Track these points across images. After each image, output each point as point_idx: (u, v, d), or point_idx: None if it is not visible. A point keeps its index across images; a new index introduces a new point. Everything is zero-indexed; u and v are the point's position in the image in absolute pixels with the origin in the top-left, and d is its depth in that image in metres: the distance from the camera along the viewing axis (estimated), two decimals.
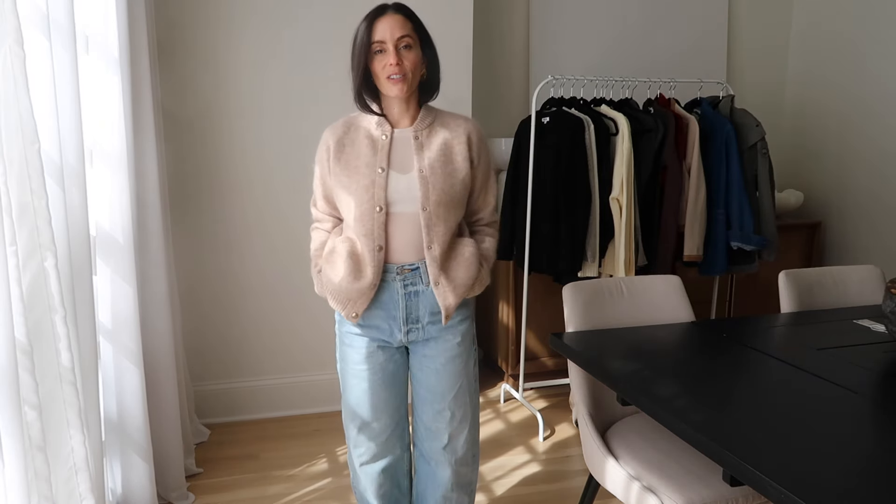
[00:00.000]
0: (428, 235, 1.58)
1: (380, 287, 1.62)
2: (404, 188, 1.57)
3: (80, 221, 1.75)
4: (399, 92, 1.53)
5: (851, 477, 1.18)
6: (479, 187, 1.69)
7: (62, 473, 1.55)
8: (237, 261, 2.92)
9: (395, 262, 1.61)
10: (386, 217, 1.57)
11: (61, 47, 1.64)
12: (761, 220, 3.02)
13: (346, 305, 1.62)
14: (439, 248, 1.59)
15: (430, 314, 1.65)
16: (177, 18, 2.71)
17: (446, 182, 1.58)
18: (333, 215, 1.72)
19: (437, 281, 1.61)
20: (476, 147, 1.65)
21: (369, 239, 1.57)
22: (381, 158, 1.58)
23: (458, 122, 1.65)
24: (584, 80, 2.92)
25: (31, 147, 1.39)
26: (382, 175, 1.56)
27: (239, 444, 2.75)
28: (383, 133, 1.60)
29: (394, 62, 1.50)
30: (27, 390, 1.33)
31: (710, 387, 1.58)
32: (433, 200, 1.56)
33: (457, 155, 1.61)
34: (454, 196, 1.59)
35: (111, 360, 2.06)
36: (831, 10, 3.64)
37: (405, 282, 1.62)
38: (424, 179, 1.57)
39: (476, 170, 1.65)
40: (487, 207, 1.74)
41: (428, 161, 1.58)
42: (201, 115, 2.80)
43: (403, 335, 1.66)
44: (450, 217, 1.60)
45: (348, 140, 1.62)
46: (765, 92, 3.87)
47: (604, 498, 2.19)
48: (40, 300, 1.46)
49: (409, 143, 1.60)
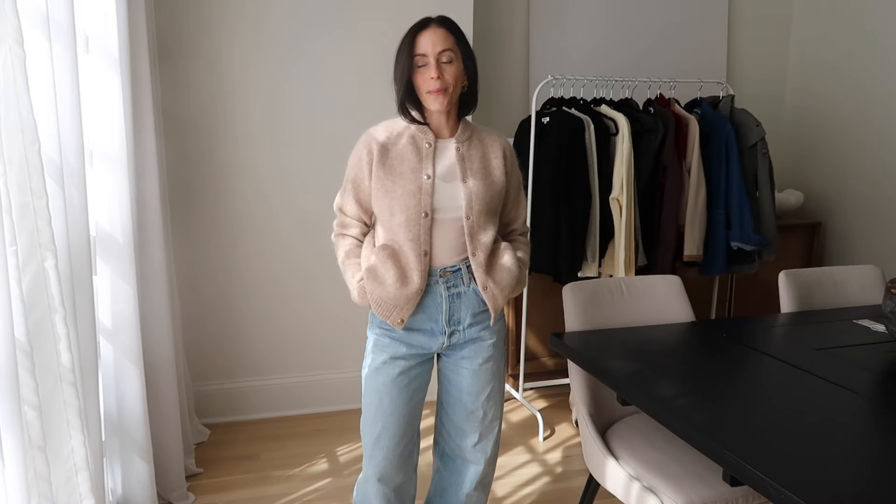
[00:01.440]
0: (472, 243, 1.63)
1: (426, 290, 1.64)
2: (449, 197, 1.61)
3: (80, 221, 1.75)
4: (440, 105, 1.57)
5: (851, 477, 1.18)
6: (513, 199, 1.74)
7: (62, 473, 1.55)
8: (237, 260, 2.92)
9: (438, 266, 1.63)
10: (431, 223, 1.61)
11: (61, 47, 1.64)
12: (761, 220, 3.02)
13: (391, 312, 1.63)
14: (483, 255, 1.64)
15: (471, 315, 1.67)
16: (177, 18, 2.70)
17: (486, 193, 1.63)
18: (363, 220, 1.73)
19: (486, 285, 1.65)
20: (510, 162, 1.71)
21: (415, 244, 1.60)
22: (428, 165, 1.61)
23: (492, 137, 1.71)
24: (584, 80, 2.92)
25: (31, 147, 1.39)
26: (429, 182, 1.60)
27: (239, 444, 2.75)
28: (427, 141, 1.63)
29: (434, 75, 1.54)
30: (27, 390, 1.33)
31: (710, 387, 1.58)
32: (476, 210, 1.61)
33: (494, 168, 1.67)
34: (494, 206, 1.66)
35: (111, 360, 2.06)
36: (832, 8, 3.64)
37: (448, 283, 1.64)
38: (468, 190, 1.62)
39: (510, 183, 1.71)
40: (520, 218, 1.80)
41: (471, 172, 1.64)
42: (201, 115, 2.79)
43: (446, 337, 1.67)
44: (490, 225, 1.65)
45: (392, 145, 1.63)
46: (765, 91, 3.87)
47: (604, 498, 2.19)
48: (40, 300, 1.46)
49: (450, 154, 1.64)
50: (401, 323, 1.63)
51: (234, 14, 2.76)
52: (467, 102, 1.66)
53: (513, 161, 1.72)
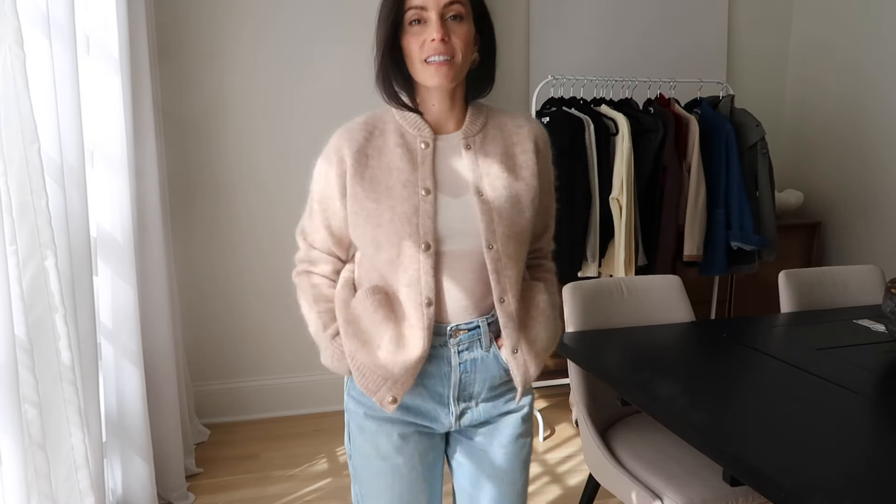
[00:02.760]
0: (499, 283, 1.14)
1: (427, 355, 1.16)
2: (458, 218, 1.12)
3: (80, 221, 1.75)
4: (443, 80, 1.09)
5: (851, 477, 1.18)
6: (543, 207, 1.24)
7: (62, 471, 1.55)
8: (237, 261, 2.92)
9: (448, 322, 1.15)
10: (435, 258, 1.11)
11: (61, 48, 1.64)
12: (761, 219, 3.02)
13: (379, 387, 1.15)
14: (515, 300, 1.16)
15: (488, 389, 1.21)
16: (177, 19, 2.71)
17: (514, 207, 1.14)
18: (336, 255, 1.26)
19: (517, 347, 1.17)
20: (544, 155, 1.22)
21: (413, 290, 1.11)
22: (425, 175, 1.13)
23: (518, 122, 1.21)
24: (584, 80, 2.92)
25: (31, 147, 1.39)
26: (429, 199, 1.11)
27: (239, 444, 2.75)
28: (423, 139, 1.15)
29: (437, 37, 1.06)
30: (27, 388, 1.33)
31: (710, 387, 1.58)
32: (501, 234, 1.12)
33: (523, 168, 1.17)
34: (525, 226, 1.16)
35: (111, 360, 2.06)
36: (832, 9, 3.64)
37: (459, 347, 1.17)
38: (486, 205, 1.12)
39: (542, 184, 1.21)
40: (548, 232, 1.31)
41: (488, 178, 1.15)
42: (201, 115, 2.80)
43: (454, 419, 1.21)
44: (521, 254, 1.18)
45: (373, 149, 1.15)
46: (765, 92, 3.87)
47: (604, 498, 2.19)
48: (40, 299, 1.46)
49: (457, 154, 1.16)
50: (392, 403, 1.15)
51: (234, 14, 2.76)
52: (478, 82, 1.19)
53: (547, 153, 1.23)
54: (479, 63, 1.17)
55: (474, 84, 1.19)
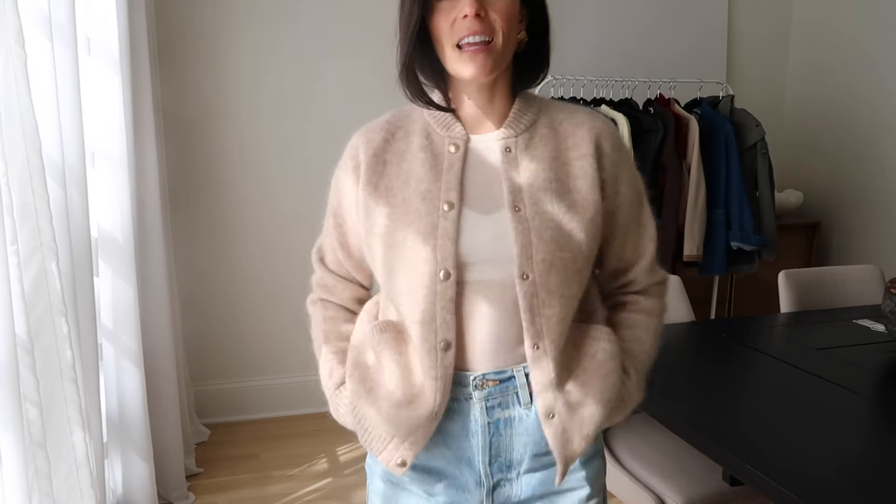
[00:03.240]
0: (533, 324, 0.90)
1: (446, 411, 0.94)
2: (487, 239, 0.91)
3: (81, 221, 1.76)
4: (479, 70, 0.88)
5: (851, 476, 1.18)
6: (623, 228, 1.00)
7: (63, 470, 1.55)
8: (237, 261, 2.92)
9: (472, 370, 0.93)
10: (457, 289, 0.91)
11: (62, 48, 1.64)
12: (761, 220, 3.02)
13: (385, 446, 0.96)
14: (554, 348, 0.91)
15: (531, 457, 0.96)
16: (177, 19, 2.71)
17: (562, 228, 0.91)
18: (356, 280, 1.09)
19: (552, 410, 0.92)
20: (612, 161, 0.97)
21: (428, 328, 0.91)
22: (450, 186, 0.92)
23: (577, 119, 0.97)
24: (584, 80, 2.92)
25: (32, 147, 1.39)
26: (451, 215, 0.91)
27: (239, 444, 2.75)
28: (452, 142, 0.95)
29: (471, 12, 0.86)
30: (28, 387, 1.33)
31: (710, 387, 1.58)
32: (540, 261, 0.90)
33: (578, 178, 0.94)
34: (578, 251, 0.92)
35: (111, 360, 2.06)
36: (832, 9, 3.64)
37: (488, 402, 0.94)
38: (524, 223, 0.90)
39: (613, 199, 0.97)
40: (642, 260, 1.04)
41: (530, 191, 0.92)
42: (202, 115, 2.80)
43: (486, 493, 0.97)
44: (569, 288, 0.92)
45: (393, 153, 0.97)
46: (765, 92, 3.87)
47: None
48: (41, 298, 1.46)
49: (493, 160, 0.95)
50: (401, 466, 0.95)
51: (235, 14, 2.77)
52: (527, 68, 0.97)
53: (618, 159, 0.98)
54: (528, 44, 0.95)
55: (521, 70, 0.96)
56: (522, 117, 0.96)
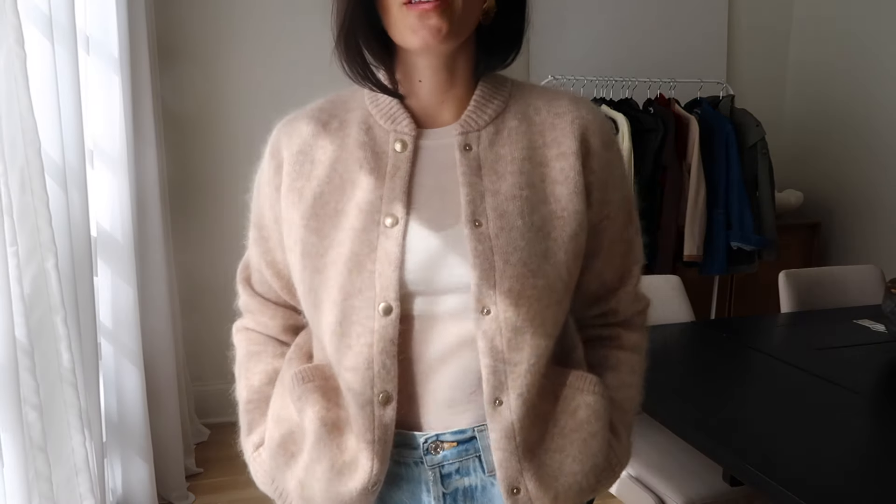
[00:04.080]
0: (495, 373, 0.71)
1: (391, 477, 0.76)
2: (439, 263, 0.72)
3: (80, 222, 1.75)
4: (432, 34, 0.68)
5: (851, 476, 1.18)
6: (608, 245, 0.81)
7: (63, 473, 1.55)
8: (237, 261, 2.91)
9: (423, 430, 0.75)
10: (401, 327, 0.71)
11: (62, 47, 1.64)
12: (761, 220, 3.02)
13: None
14: (522, 403, 0.72)
15: None
16: (177, 19, 2.71)
17: (535, 247, 0.72)
18: (286, 303, 0.89)
19: (515, 484, 0.73)
20: (600, 160, 0.77)
21: (363, 377, 0.72)
22: (394, 195, 0.73)
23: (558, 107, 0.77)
24: (584, 80, 2.92)
25: (31, 147, 1.39)
26: (394, 232, 0.72)
27: (239, 445, 2.75)
28: (398, 137, 0.75)
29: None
30: (28, 390, 1.33)
31: (711, 387, 1.58)
32: (507, 291, 0.70)
33: (557, 183, 0.74)
34: (554, 278, 0.73)
35: (111, 361, 2.06)
36: (832, 9, 3.64)
37: (444, 469, 0.76)
38: (485, 242, 0.71)
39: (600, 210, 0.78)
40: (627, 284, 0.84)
41: (495, 200, 0.72)
42: (201, 115, 2.80)
43: None
44: (543, 326, 0.72)
45: (323, 150, 0.77)
46: (765, 92, 3.87)
47: (604, 498, 2.19)
48: (41, 300, 1.46)
49: (450, 162, 0.75)
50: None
51: (235, 14, 2.76)
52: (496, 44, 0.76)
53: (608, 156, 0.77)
54: (497, 14, 0.74)
55: (488, 47, 0.76)
56: (487, 105, 0.76)
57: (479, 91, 0.76)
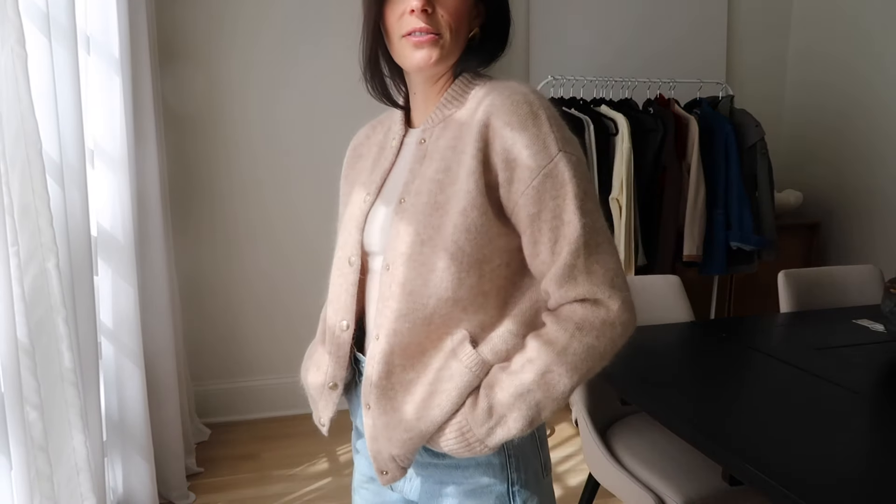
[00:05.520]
0: (380, 314, 0.89)
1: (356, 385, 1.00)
2: (378, 230, 0.94)
3: (81, 222, 1.76)
4: (423, 60, 0.87)
5: (851, 476, 1.19)
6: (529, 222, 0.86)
7: (64, 473, 1.55)
8: (237, 260, 2.92)
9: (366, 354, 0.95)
10: (357, 275, 0.95)
11: (62, 47, 1.64)
12: (761, 220, 3.03)
13: (315, 409, 1.05)
14: (387, 343, 0.88)
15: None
16: (178, 19, 2.71)
17: (429, 220, 0.86)
18: None
19: (367, 400, 0.90)
20: (503, 141, 0.84)
21: (334, 308, 0.98)
22: (375, 178, 0.97)
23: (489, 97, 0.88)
24: (584, 80, 2.92)
25: (32, 147, 1.39)
26: (365, 206, 0.97)
27: (239, 444, 2.75)
28: (395, 136, 0.99)
29: (417, 6, 0.84)
30: (29, 390, 1.33)
31: (710, 387, 1.59)
32: (399, 253, 0.87)
33: (462, 164, 0.86)
34: (442, 246, 0.85)
35: (112, 360, 2.06)
36: (832, 9, 3.64)
37: None
38: (399, 215, 0.89)
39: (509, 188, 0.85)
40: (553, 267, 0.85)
41: (419, 182, 0.90)
42: (202, 115, 2.80)
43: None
44: (423, 287, 0.86)
45: (366, 147, 1.06)
46: (764, 92, 3.88)
47: (604, 498, 2.20)
48: (42, 300, 1.46)
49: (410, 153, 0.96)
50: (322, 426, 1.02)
51: (236, 14, 2.76)
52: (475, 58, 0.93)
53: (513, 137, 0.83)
54: (482, 39, 0.92)
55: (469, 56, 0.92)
56: (448, 107, 0.92)
57: (445, 95, 0.93)
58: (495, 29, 0.92)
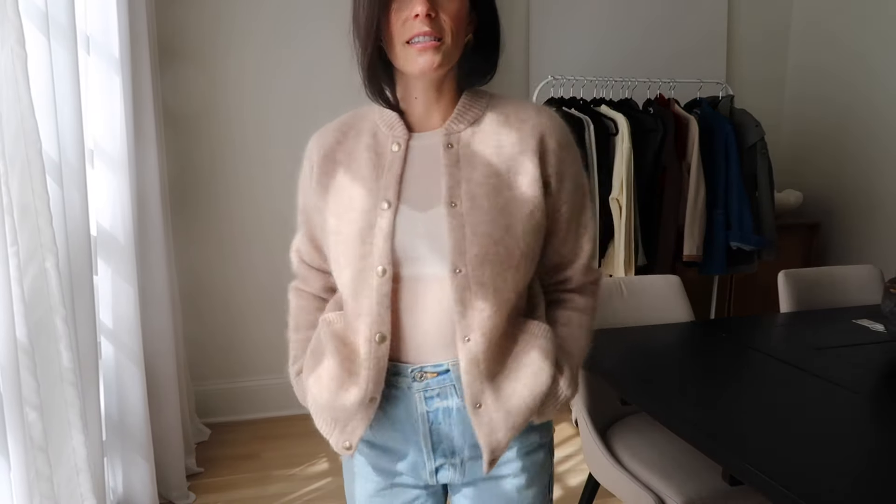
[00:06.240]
0: (464, 318, 0.93)
1: (389, 398, 1.00)
2: (422, 236, 0.94)
3: (80, 221, 1.76)
4: (427, 65, 0.91)
5: (851, 476, 1.19)
6: (565, 226, 1.01)
7: (64, 474, 1.55)
8: (237, 260, 2.92)
9: (410, 362, 0.98)
10: (393, 285, 0.95)
11: (62, 47, 1.64)
12: (761, 220, 3.03)
13: (332, 430, 1.02)
14: (485, 340, 0.94)
15: (471, 445, 1.01)
16: (177, 19, 2.71)
17: (498, 222, 0.93)
18: (325, 269, 1.10)
19: (478, 400, 0.95)
20: (556, 157, 0.98)
21: (365, 322, 0.95)
22: (388, 184, 0.96)
23: (524, 114, 0.99)
24: (584, 80, 2.92)
25: (32, 147, 1.39)
26: (387, 213, 0.94)
27: (239, 444, 2.75)
28: (395, 140, 0.98)
29: (422, 11, 0.88)
30: (29, 391, 1.33)
31: (710, 387, 1.59)
32: (473, 256, 0.92)
33: (519, 174, 0.95)
34: (514, 247, 0.94)
35: (112, 360, 2.06)
36: (831, 9, 3.64)
37: (427, 393, 0.98)
38: (458, 218, 0.93)
39: (557, 197, 0.99)
40: (579, 259, 1.05)
41: (468, 186, 0.94)
42: (202, 114, 2.80)
43: (430, 473, 1.03)
44: (504, 283, 0.94)
45: (343, 153, 1.01)
46: (765, 92, 3.88)
47: (604, 498, 2.20)
48: (41, 300, 1.46)
49: (435, 157, 0.97)
50: (347, 449, 1.01)
51: (235, 15, 2.76)
52: (474, 68, 0.99)
53: (563, 155, 0.99)
54: (475, 46, 0.97)
55: (468, 71, 0.98)
56: (467, 113, 0.99)
57: (462, 101, 0.99)
58: (488, 35, 0.98)
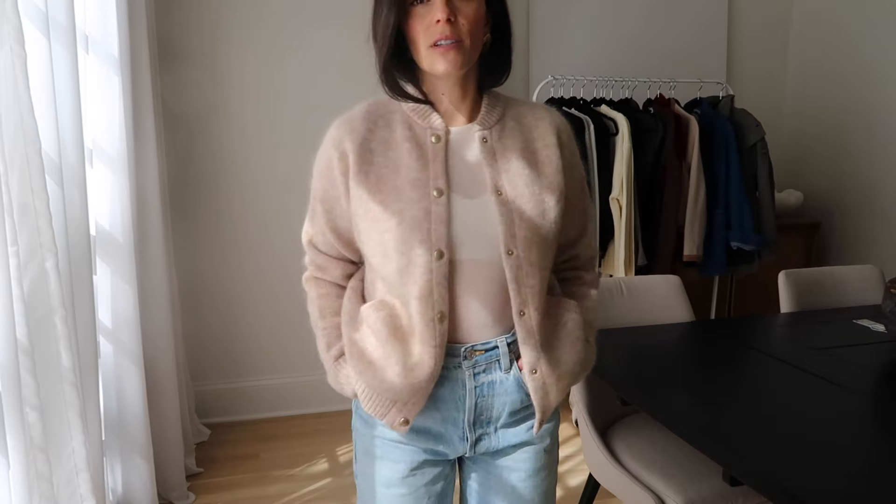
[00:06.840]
0: (519, 294, 1.04)
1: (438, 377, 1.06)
2: (475, 221, 1.03)
3: (80, 221, 1.75)
4: (451, 65, 0.99)
5: (851, 476, 1.18)
6: (572, 207, 1.13)
7: (63, 474, 1.55)
8: (237, 260, 2.92)
9: (461, 342, 1.06)
10: (449, 268, 1.02)
11: (61, 47, 1.64)
12: (761, 220, 3.02)
13: (388, 410, 1.07)
14: (537, 314, 1.06)
15: (507, 414, 1.11)
16: (177, 19, 2.71)
17: (538, 208, 1.05)
18: (346, 258, 1.16)
19: (535, 367, 1.07)
20: (569, 149, 1.13)
21: (425, 303, 1.02)
22: (437, 174, 1.03)
23: (538, 113, 1.12)
24: (584, 80, 2.92)
25: (32, 147, 1.39)
26: (441, 200, 1.02)
27: (239, 444, 2.75)
28: (433, 132, 1.06)
29: (443, 17, 0.97)
30: (28, 391, 1.33)
31: (710, 387, 1.59)
32: (523, 238, 1.03)
33: (545, 164, 1.08)
34: (549, 229, 1.06)
35: (112, 360, 2.06)
36: (831, 9, 3.64)
37: (475, 369, 1.07)
38: (506, 206, 1.03)
39: (570, 183, 1.11)
40: (584, 238, 1.20)
41: (507, 176, 1.05)
42: (202, 114, 2.80)
43: (470, 446, 1.12)
44: (546, 261, 1.07)
45: (378, 142, 1.06)
46: (765, 92, 3.87)
47: (604, 498, 2.20)
48: (41, 301, 1.46)
49: (472, 149, 1.06)
50: (404, 424, 1.07)
51: (235, 15, 2.76)
52: (492, 68, 1.09)
53: (573, 147, 1.14)
54: (492, 46, 1.06)
55: (488, 70, 1.08)
56: (492, 112, 1.09)
57: (485, 102, 1.09)
58: (502, 35, 1.07)
